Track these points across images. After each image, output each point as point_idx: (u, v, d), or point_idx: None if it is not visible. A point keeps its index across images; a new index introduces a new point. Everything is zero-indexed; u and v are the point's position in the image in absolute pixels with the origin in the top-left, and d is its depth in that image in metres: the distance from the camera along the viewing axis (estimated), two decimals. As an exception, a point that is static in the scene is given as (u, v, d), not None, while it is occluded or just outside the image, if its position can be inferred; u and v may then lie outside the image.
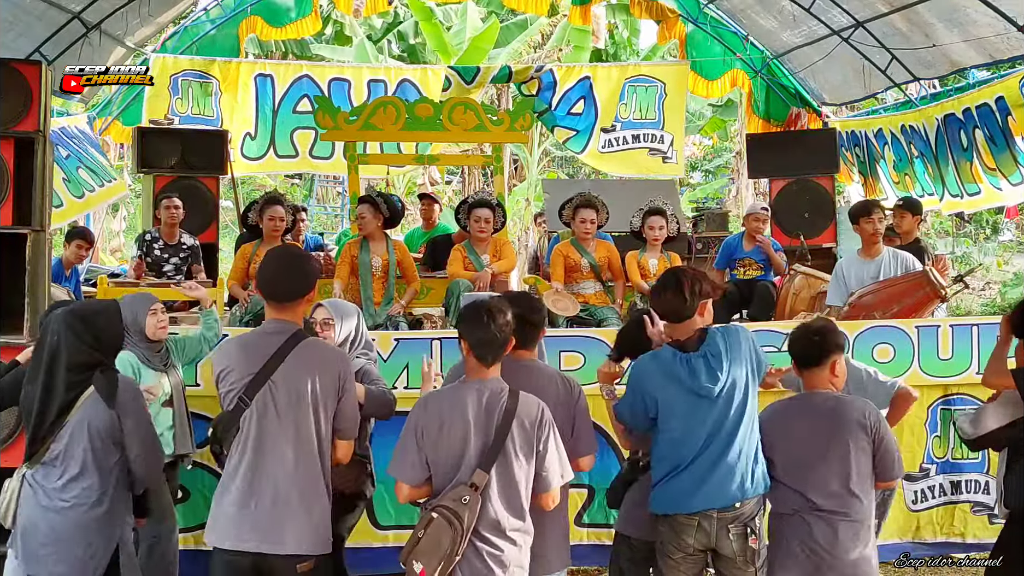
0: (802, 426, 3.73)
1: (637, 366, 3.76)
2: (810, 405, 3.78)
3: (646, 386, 3.65)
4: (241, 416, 3.31)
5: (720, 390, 3.57)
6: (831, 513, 3.64)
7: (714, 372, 3.57)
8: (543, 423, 3.34)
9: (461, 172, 21.08)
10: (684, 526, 3.59)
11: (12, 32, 8.33)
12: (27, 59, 7.53)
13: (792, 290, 7.10)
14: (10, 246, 4.99)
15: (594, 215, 6.77)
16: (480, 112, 7.87)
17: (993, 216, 18.93)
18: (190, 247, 7.69)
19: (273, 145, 11.51)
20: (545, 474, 3.34)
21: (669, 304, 3.66)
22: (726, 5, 11.25)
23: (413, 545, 3.22)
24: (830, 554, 3.62)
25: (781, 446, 3.73)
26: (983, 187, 8.85)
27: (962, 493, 5.61)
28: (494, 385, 3.35)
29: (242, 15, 11.16)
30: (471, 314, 3.37)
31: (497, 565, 3.25)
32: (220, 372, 3.38)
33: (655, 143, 11.99)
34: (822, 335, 3.80)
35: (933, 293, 5.89)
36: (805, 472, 3.68)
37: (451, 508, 3.18)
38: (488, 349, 3.34)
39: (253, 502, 3.28)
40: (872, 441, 3.70)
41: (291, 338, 3.36)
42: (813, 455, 3.68)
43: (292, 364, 3.32)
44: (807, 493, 3.67)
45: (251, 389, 3.30)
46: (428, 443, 3.28)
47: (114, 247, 18.16)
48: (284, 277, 3.45)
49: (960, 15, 8.05)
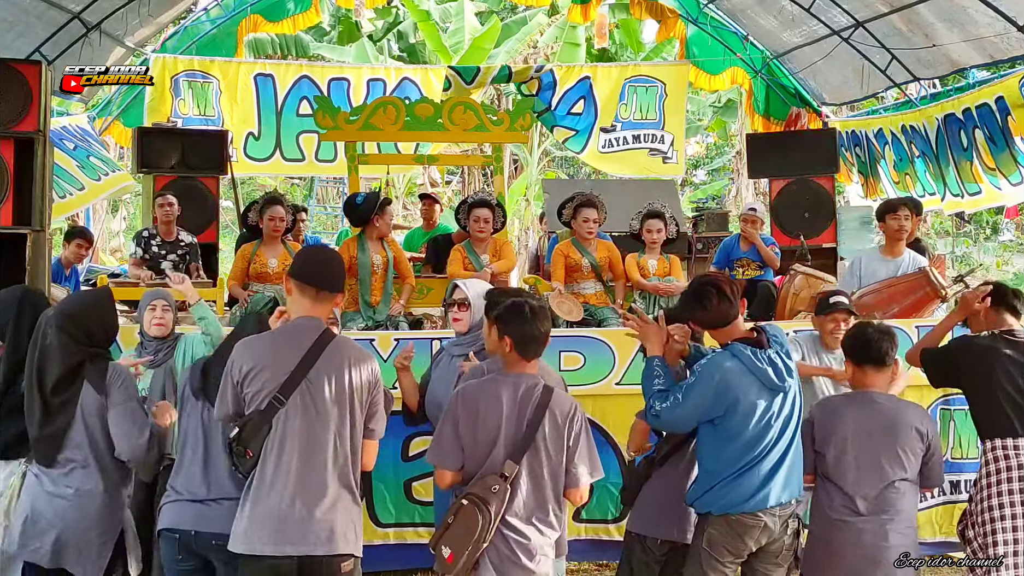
0: (860, 424, 3.75)
1: (717, 368, 3.61)
2: (869, 403, 3.80)
3: (730, 385, 3.56)
4: (275, 416, 3.21)
5: (788, 384, 3.60)
6: (877, 515, 3.68)
7: (790, 368, 3.62)
8: (575, 419, 3.39)
9: (461, 172, 21.08)
10: (748, 527, 3.56)
11: (12, 32, 8.34)
12: (27, 59, 7.54)
13: (792, 290, 7.10)
14: (10, 246, 5.00)
15: (596, 214, 6.77)
16: (480, 112, 7.86)
17: (993, 216, 18.95)
18: (188, 244, 7.68)
19: (279, 148, 11.53)
20: (575, 470, 3.39)
21: (722, 313, 3.64)
22: (726, 5, 11.26)
23: (443, 531, 3.29)
24: (884, 556, 3.66)
25: (834, 442, 3.74)
26: (983, 187, 8.86)
27: (961, 492, 5.61)
28: (531, 380, 3.42)
29: (242, 15, 11.16)
30: (514, 311, 3.44)
31: (523, 553, 3.31)
32: (248, 372, 3.23)
33: (655, 143, 12.00)
34: (891, 336, 3.83)
35: (933, 293, 5.89)
36: (856, 470, 3.71)
37: (481, 496, 3.25)
38: (530, 345, 3.42)
39: (296, 504, 3.18)
40: (926, 448, 3.77)
41: (322, 336, 3.29)
42: (866, 454, 3.71)
43: (327, 362, 3.25)
44: (857, 492, 3.70)
45: (286, 388, 3.20)
46: (465, 431, 3.35)
47: (114, 247, 18.16)
48: (331, 268, 3.45)
49: (960, 15, 8.06)
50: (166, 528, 3.50)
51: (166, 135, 9.31)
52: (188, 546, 3.46)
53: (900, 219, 6.09)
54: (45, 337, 3.53)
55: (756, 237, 7.61)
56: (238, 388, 3.25)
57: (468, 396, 3.42)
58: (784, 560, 3.64)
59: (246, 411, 3.25)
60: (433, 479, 3.77)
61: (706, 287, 3.69)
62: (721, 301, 3.63)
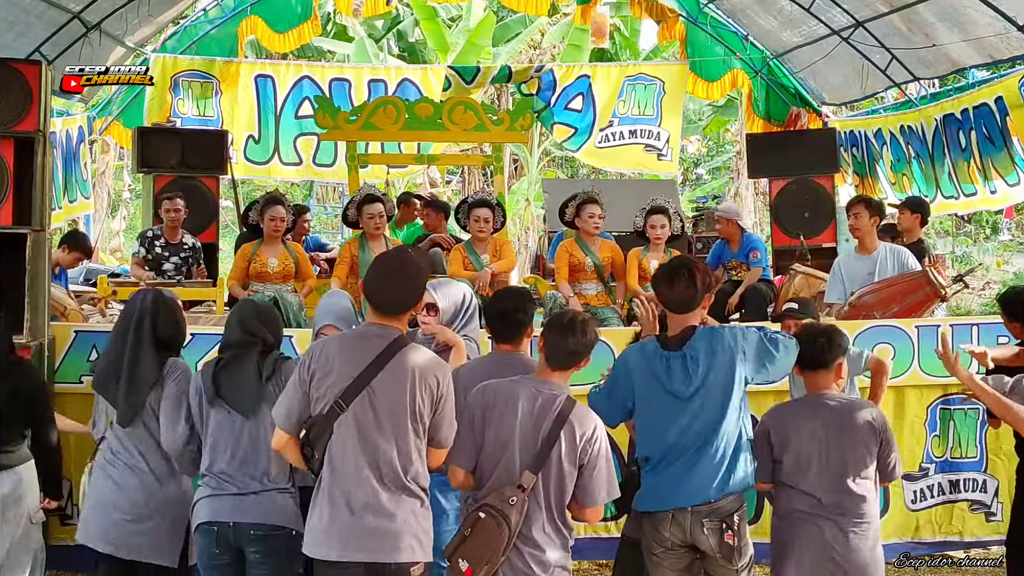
0: (813, 427, 3.74)
1: (625, 355, 3.80)
2: (820, 407, 3.80)
3: (630, 376, 3.69)
4: (335, 421, 3.21)
5: (693, 392, 3.58)
6: (841, 515, 3.67)
7: (688, 374, 3.59)
8: (594, 438, 3.34)
9: (461, 172, 21.07)
10: (660, 520, 3.62)
11: (12, 32, 8.32)
12: (27, 59, 7.52)
13: (792, 290, 7.11)
14: (10, 246, 4.99)
15: (600, 210, 6.77)
16: (480, 112, 7.87)
17: (993, 216, 18.95)
18: (192, 247, 7.69)
19: (278, 152, 11.53)
20: (590, 489, 3.35)
21: (681, 295, 3.64)
22: (726, 5, 11.25)
23: (459, 543, 3.24)
24: (842, 556, 3.65)
25: (791, 448, 3.75)
26: (979, 188, 8.86)
27: (961, 492, 5.62)
28: (554, 389, 3.38)
29: (242, 15, 11.15)
30: (558, 320, 3.45)
31: (538, 566, 3.28)
32: (315, 373, 3.25)
33: (651, 139, 12.00)
34: (828, 337, 3.82)
35: (933, 293, 5.89)
36: (816, 473, 3.71)
37: (499, 508, 3.21)
38: (559, 355, 3.40)
39: (358, 510, 3.18)
40: (879, 443, 3.75)
41: (392, 344, 3.25)
42: (824, 457, 3.71)
43: (392, 371, 3.22)
44: (817, 494, 3.69)
45: (348, 394, 3.20)
46: (479, 429, 3.34)
47: (114, 247, 18.13)
48: (390, 287, 3.33)
49: (960, 15, 8.05)
50: (204, 522, 3.58)
51: (166, 135, 9.32)
52: (225, 538, 3.53)
53: (851, 217, 6.30)
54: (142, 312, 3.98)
55: (735, 236, 7.59)
56: (306, 386, 3.26)
57: (486, 393, 3.40)
58: (725, 560, 3.59)
59: (312, 412, 3.26)
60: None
61: (678, 265, 3.72)
62: (688, 287, 3.62)
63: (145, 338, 3.90)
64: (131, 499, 3.83)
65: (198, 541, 3.64)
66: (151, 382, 3.86)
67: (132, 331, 3.92)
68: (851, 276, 6.22)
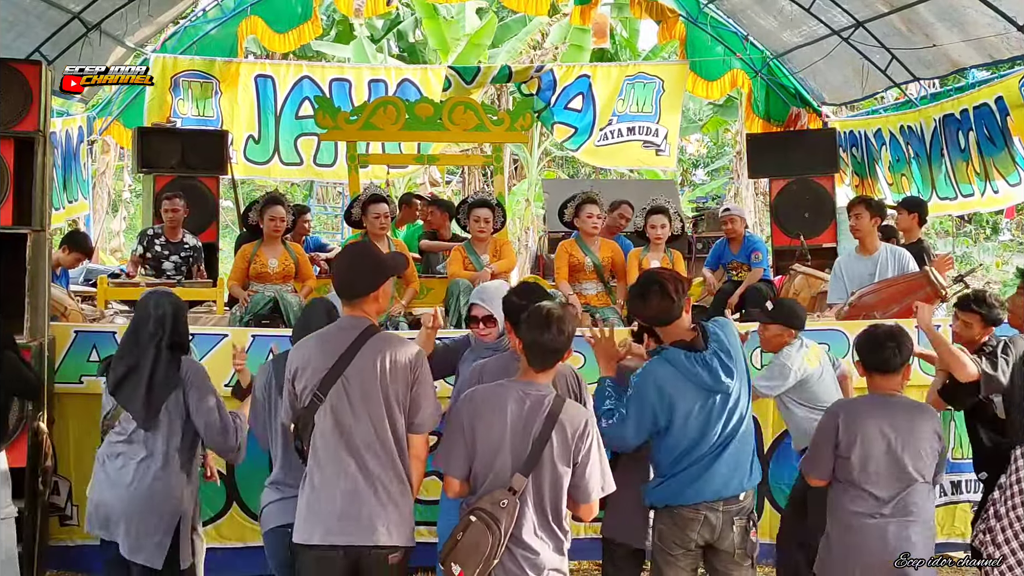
0: (883, 429, 3.74)
1: (651, 376, 3.65)
2: (891, 406, 3.80)
3: (665, 392, 3.60)
4: (315, 412, 3.32)
5: (734, 383, 3.62)
6: (901, 516, 3.70)
7: (729, 368, 3.61)
8: (585, 434, 3.32)
9: (461, 172, 21.07)
10: (689, 520, 3.61)
11: (12, 32, 8.32)
12: (27, 59, 7.52)
13: (792, 290, 7.11)
14: (10, 246, 4.99)
15: (599, 210, 6.77)
16: (480, 112, 7.86)
17: (993, 216, 18.94)
18: (192, 247, 7.69)
19: (278, 152, 11.54)
20: (585, 485, 3.34)
21: (658, 308, 3.67)
22: (726, 5, 11.25)
23: (451, 547, 3.25)
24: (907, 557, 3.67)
25: (860, 445, 3.73)
26: (976, 189, 8.87)
27: (962, 493, 5.62)
28: (541, 390, 3.36)
29: (242, 15, 11.15)
30: (536, 317, 3.38)
31: (532, 569, 3.27)
32: (296, 370, 3.39)
33: (649, 135, 12.02)
34: (897, 343, 3.81)
35: (933, 293, 5.90)
36: (884, 473, 3.71)
37: (489, 512, 3.21)
38: (540, 354, 3.36)
39: (337, 496, 3.29)
40: (940, 449, 3.83)
41: (363, 333, 3.37)
42: (893, 457, 3.72)
43: (363, 358, 3.33)
44: (883, 493, 3.71)
45: (324, 385, 3.31)
46: (470, 437, 3.33)
47: (114, 247, 18.12)
48: (348, 274, 3.49)
49: (960, 15, 8.05)
50: (278, 525, 3.69)
51: (166, 135, 9.31)
52: None
53: (851, 218, 6.32)
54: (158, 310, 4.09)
55: (741, 236, 7.59)
56: (291, 385, 3.41)
57: (475, 399, 3.40)
58: (743, 558, 3.64)
59: (298, 407, 3.39)
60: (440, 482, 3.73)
61: (649, 284, 3.71)
62: (663, 299, 3.64)
63: (163, 343, 3.99)
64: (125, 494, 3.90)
65: (271, 544, 3.74)
66: (172, 386, 3.97)
67: (150, 336, 4.00)
68: (852, 277, 6.25)
